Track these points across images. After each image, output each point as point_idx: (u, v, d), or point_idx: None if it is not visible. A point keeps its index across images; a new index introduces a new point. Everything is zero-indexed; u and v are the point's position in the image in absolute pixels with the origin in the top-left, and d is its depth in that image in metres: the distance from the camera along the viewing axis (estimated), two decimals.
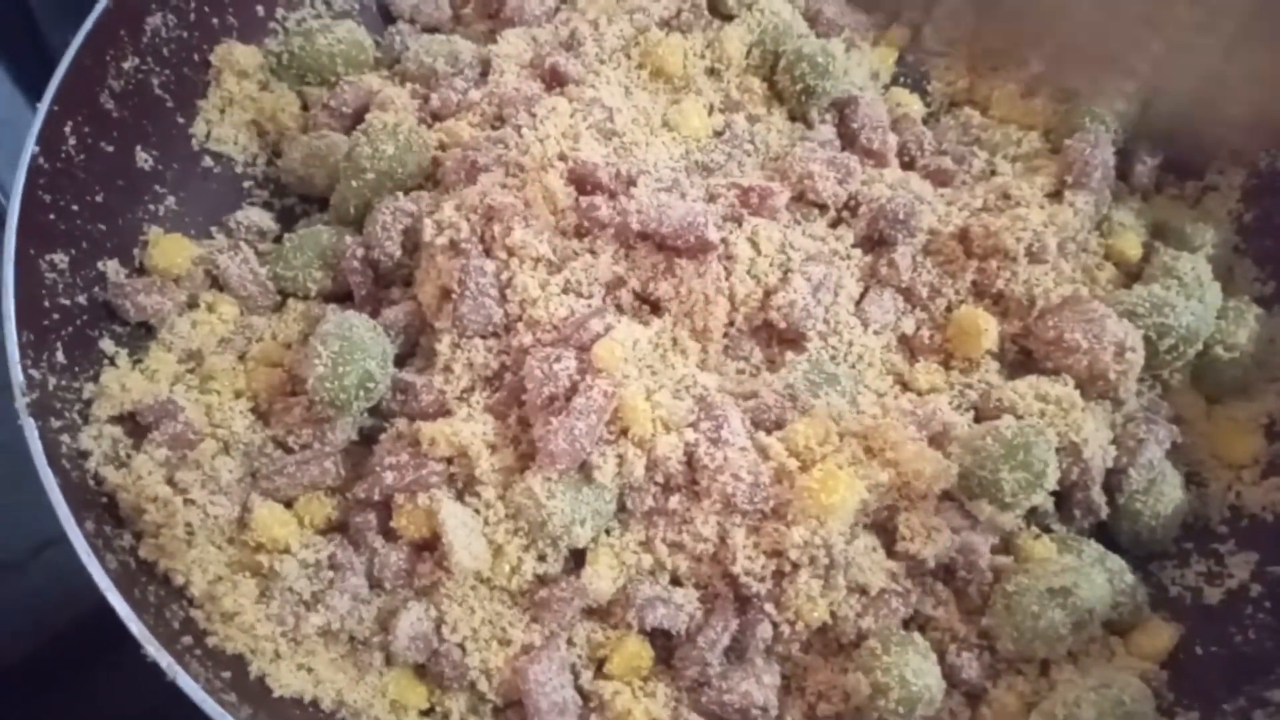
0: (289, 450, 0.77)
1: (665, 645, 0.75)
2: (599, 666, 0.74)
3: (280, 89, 0.96)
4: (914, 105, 1.03)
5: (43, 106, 0.79)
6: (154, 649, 0.63)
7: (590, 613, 0.75)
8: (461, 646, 0.72)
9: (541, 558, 0.73)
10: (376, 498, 0.73)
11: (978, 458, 0.74)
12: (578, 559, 0.74)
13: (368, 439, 0.79)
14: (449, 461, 0.74)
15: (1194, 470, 0.86)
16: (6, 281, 0.72)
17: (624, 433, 0.72)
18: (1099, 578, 0.75)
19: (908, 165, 0.95)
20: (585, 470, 0.71)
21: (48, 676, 0.95)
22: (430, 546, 0.73)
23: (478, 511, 0.72)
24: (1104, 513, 0.79)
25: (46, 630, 0.96)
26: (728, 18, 0.98)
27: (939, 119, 1.03)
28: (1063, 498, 0.80)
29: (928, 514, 0.74)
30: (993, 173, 0.94)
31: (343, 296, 0.86)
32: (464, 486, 0.74)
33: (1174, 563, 0.83)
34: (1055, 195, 0.91)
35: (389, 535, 0.74)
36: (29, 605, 0.97)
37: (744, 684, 0.71)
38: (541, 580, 0.74)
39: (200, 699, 0.62)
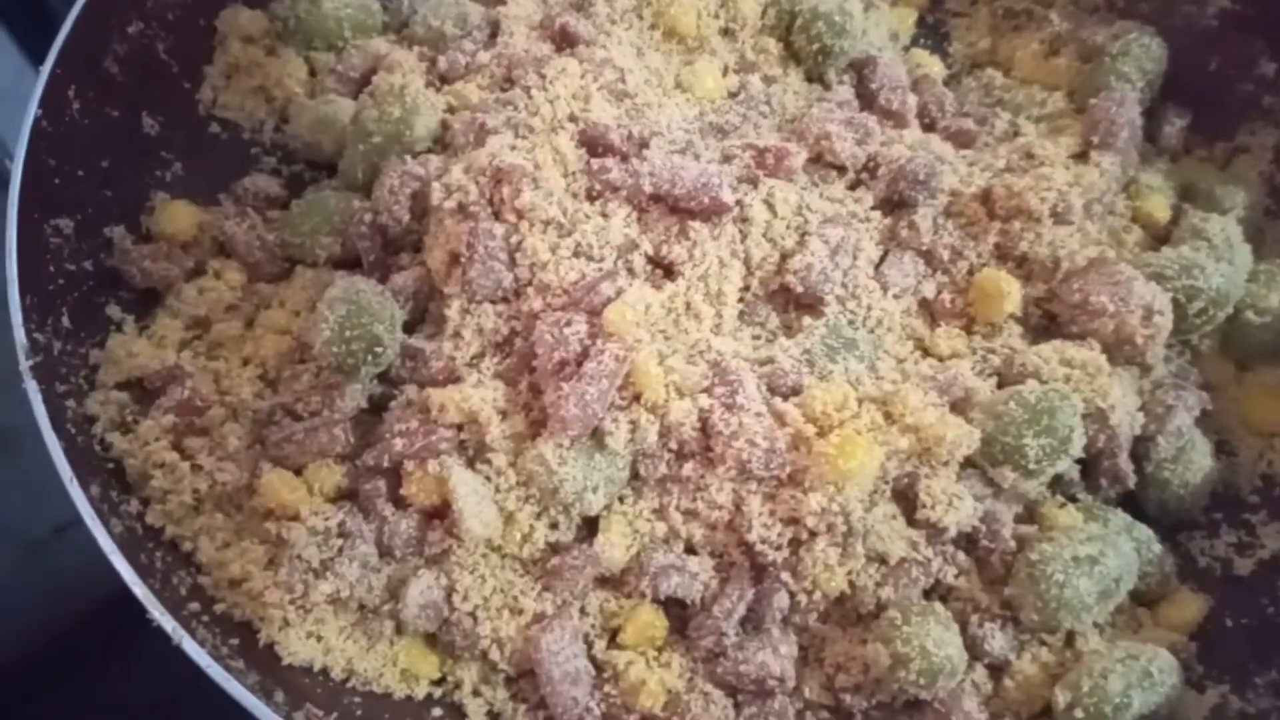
0: (298, 418, 0.76)
1: (680, 615, 0.73)
2: (612, 636, 0.72)
3: (287, 54, 0.95)
4: (934, 66, 1.00)
5: (45, 69, 0.77)
6: (159, 613, 0.62)
7: (603, 581, 0.73)
8: (473, 615, 0.71)
9: (553, 525, 0.71)
10: (386, 464, 0.72)
11: (1000, 423, 0.72)
12: (590, 527, 0.72)
13: (377, 407, 0.78)
14: (459, 428, 0.72)
15: (1224, 438, 0.84)
16: (10, 245, 0.71)
17: (636, 398, 0.70)
18: (1126, 546, 0.73)
19: (928, 127, 0.92)
20: (597, 436, 0.70)
21: (70, 657, 0.95)
22: (440, 514, 0.72)
23: (488, 479, 0.71)
24: (1131, 481, 0.77)
25: (68, 611, 0.95)
26: None
27: (960, 80, 1.00)
28: (1089, 465, 0.77)
29: (949, 481, 0.72)
30: (1016, 134, 0.92)
31: (352, 263, 0.84)
32: (474, 453, 0.72)
33: (1203, 533, 0.81)
34: (1081, 156, 0.88)
35: (399, 503, 0.73)
36: (50, 586, 0.96)
37: (760, 654, 0.70)
38: (553, 548, 0.72)
39: (206, 664, 0.61)
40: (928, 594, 0.73)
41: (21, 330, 0.69)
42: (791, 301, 0.80)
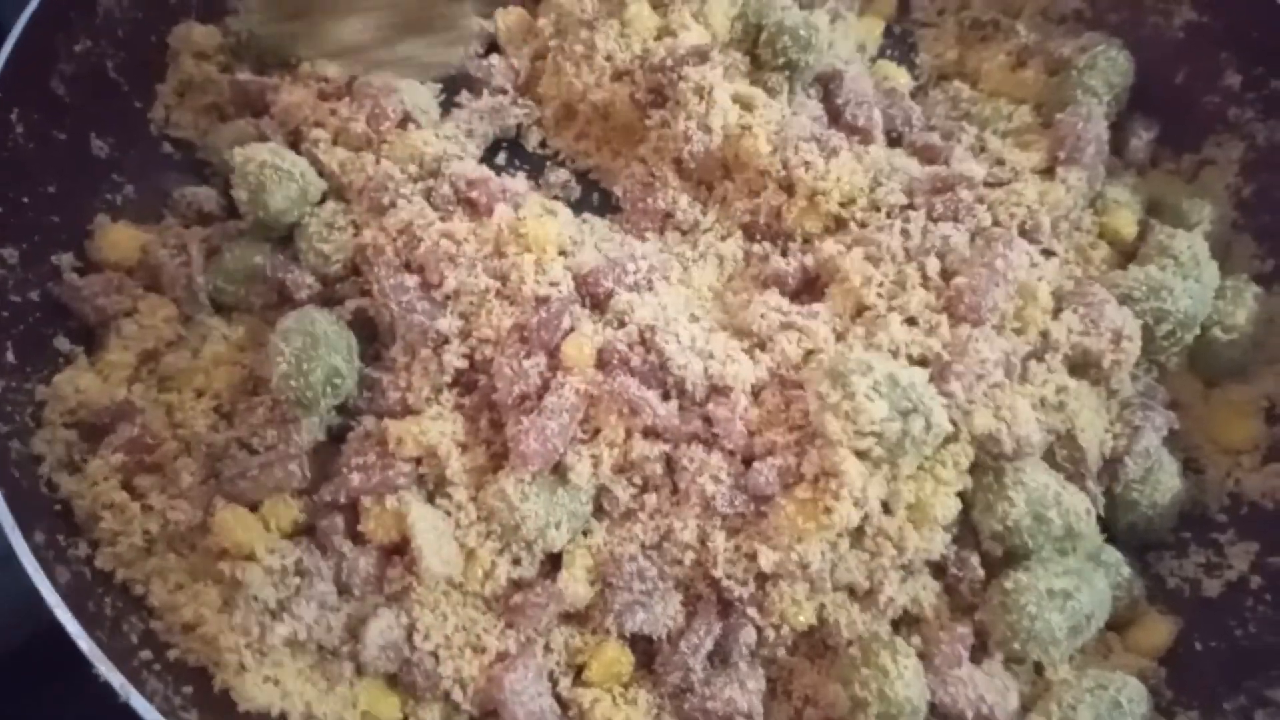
0: (253, 451, 0.74)
1: (646, 650, 0.72)
2: (578, 673, 0.71)
3: (242, 70, 0.92)
4: (901, 78, 0.99)
5: None
6: (105, 668, 0.60)
7: (567, 618, 0.72)
8: (434, 655, 0.70)
9: (516, 562, 0.70)
10: (343, 500, 0.70)
11: None
12: (553, 562, 0.71)
13: (336, 438, 0.76)
14: (418, 462, 0.71)
15: (1191, 456, 0.83)
16: None
17: (597, 432, 0.69)
18: (1100, 583, 0.73)
19: (895, 141, 0.91)
20: (559, 471, 0.68)
21: (44, 666, 0.92)
22: (400, 550, 0.70)
23: (448, 514, 0.70)
24: (1100, 505, 0.77)
25: (40, 620, 0.93)
26: None
27: (927, 92, 0.99)
28: None
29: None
30: (983, 148, 0.91)
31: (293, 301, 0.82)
32: (434, 488, 0.71)
33: (1172, 553, 0.81)
34: (1048, 172, 0.87)
35: (357, 539, 0.71)
36: (21, 594, 0.94)
37: (728, 690, 0.69)
38: (516, 585, 0.71)
39: None
40: (896, 624, 0.72)
41: None
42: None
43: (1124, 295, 0.79)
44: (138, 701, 0.59)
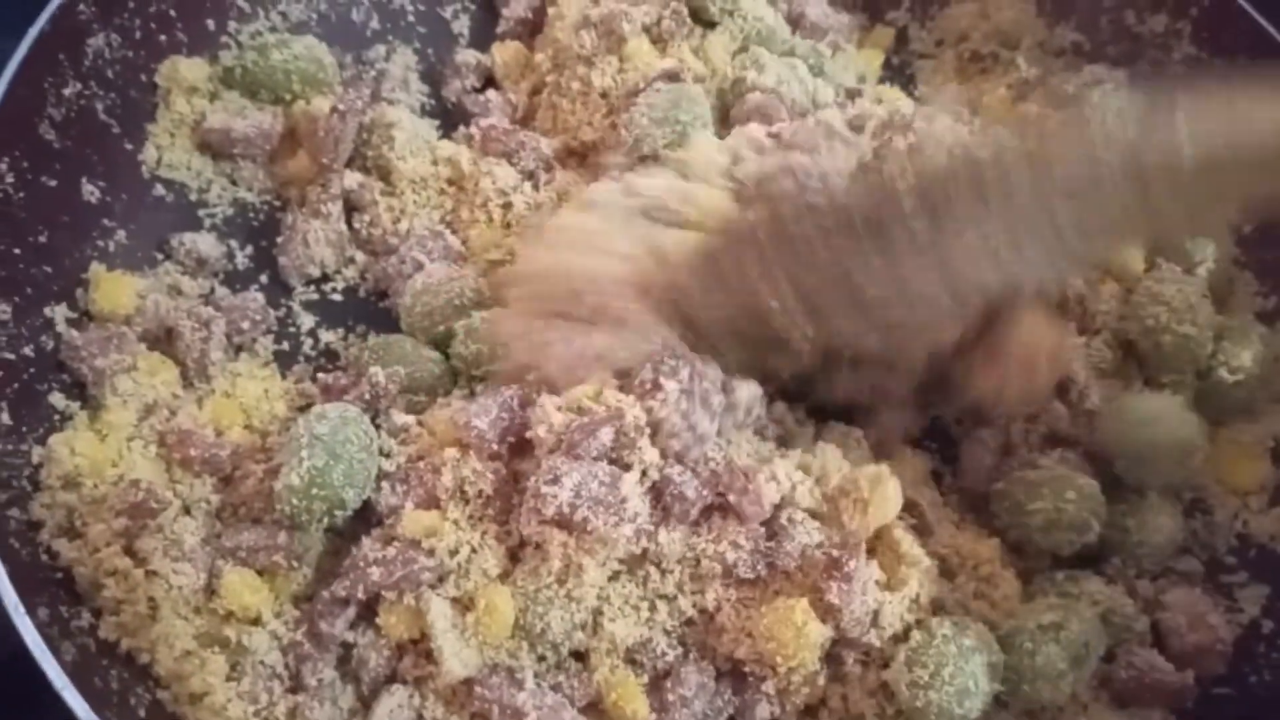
0: (255, 520, 0.72)
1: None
2: None
3: (231, 96, 0.91)
4: (901, 102, 0.98)
5: None
6: None
7: None
8: None
9: (541, 659, 0.68)
10: (361, 596, 0.68)
11: None
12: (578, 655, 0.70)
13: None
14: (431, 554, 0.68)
15: (1198, 497, 0.84)
16: None
17: None
18: (1087, 611, 0.73)
19: None
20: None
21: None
22: (416, 642, 0.69)
23: (467, 610, 0.67)
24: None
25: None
26: (710, 25, 0.93)
27: None
28: None
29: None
30: None
31: None
32: (454, 585, 0.68)
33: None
34: None
35: (366, 627, 0.70)
36: None
37: None
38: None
39: None
40: None
41: None
42: None
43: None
44: None
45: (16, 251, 0.75)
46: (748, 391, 0.72)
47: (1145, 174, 0.64)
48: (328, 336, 0.85)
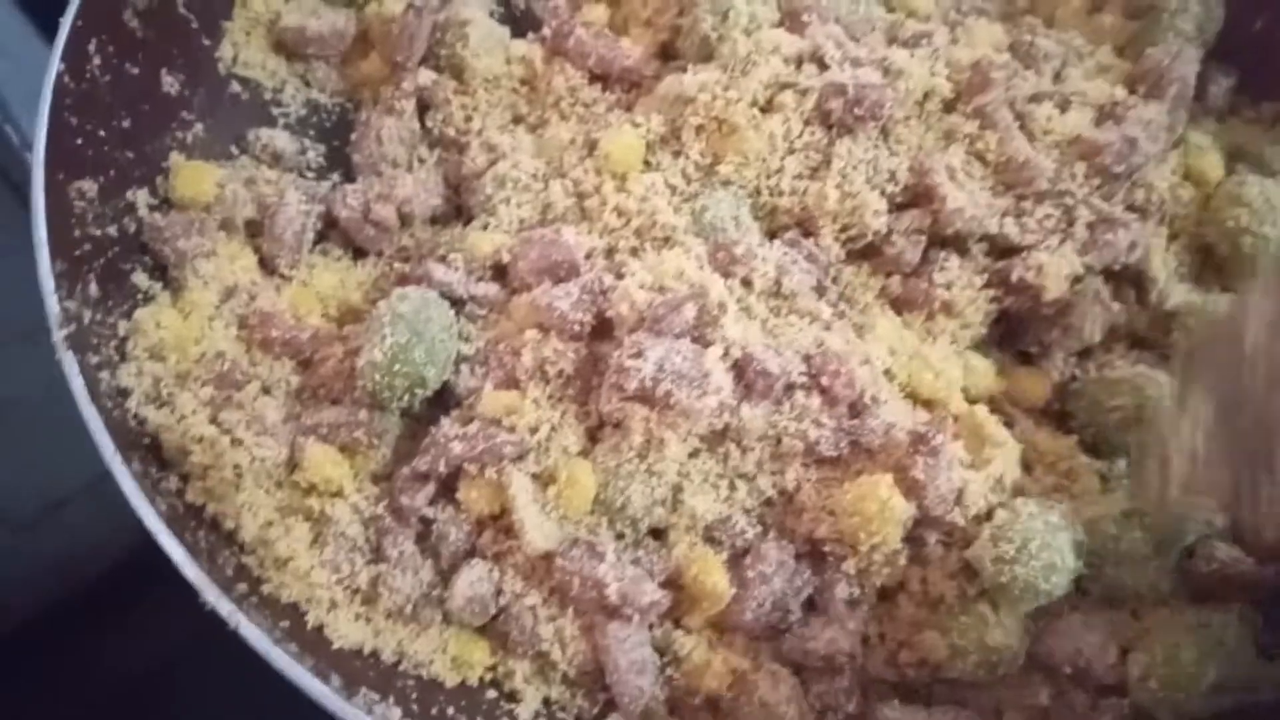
0: (334, 400, 0.72)
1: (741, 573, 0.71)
2: (676, 621, 0.70)
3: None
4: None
5: (65, 21, 0.73)
6: (214, 596, 0.59)
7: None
8: (533, 612, 0.68)
9: (620, 536, 0.68)
10: (442, 470, 0.68)
11: None
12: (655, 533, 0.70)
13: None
14: (513, 430, 0.68)
15: None
16: (37, 207, 0.67)
17: None
18: None
19: None
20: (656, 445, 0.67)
21: (58, 636, 0.93)
22: (496, 518, 0.69)
23: (548, 485, 0.68)
24: None
25: (57, 590, 0.93)
26: None
27: None
28: None
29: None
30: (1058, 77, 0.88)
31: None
32: (536, 462, 0.69)
33: None
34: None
35: (446, 504, 0.70)
36: (39, 565, 0.94)
37: (828, 631, 0.67)
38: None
39: (265, 649, 0.58)
40: None
41: (54, 298, 0.66)
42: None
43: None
44: (247, 630, 0.58)
45: (101, 134, 0.76)
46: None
47: None
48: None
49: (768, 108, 0.77)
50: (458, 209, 0.85)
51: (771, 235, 0.77)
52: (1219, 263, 0.84)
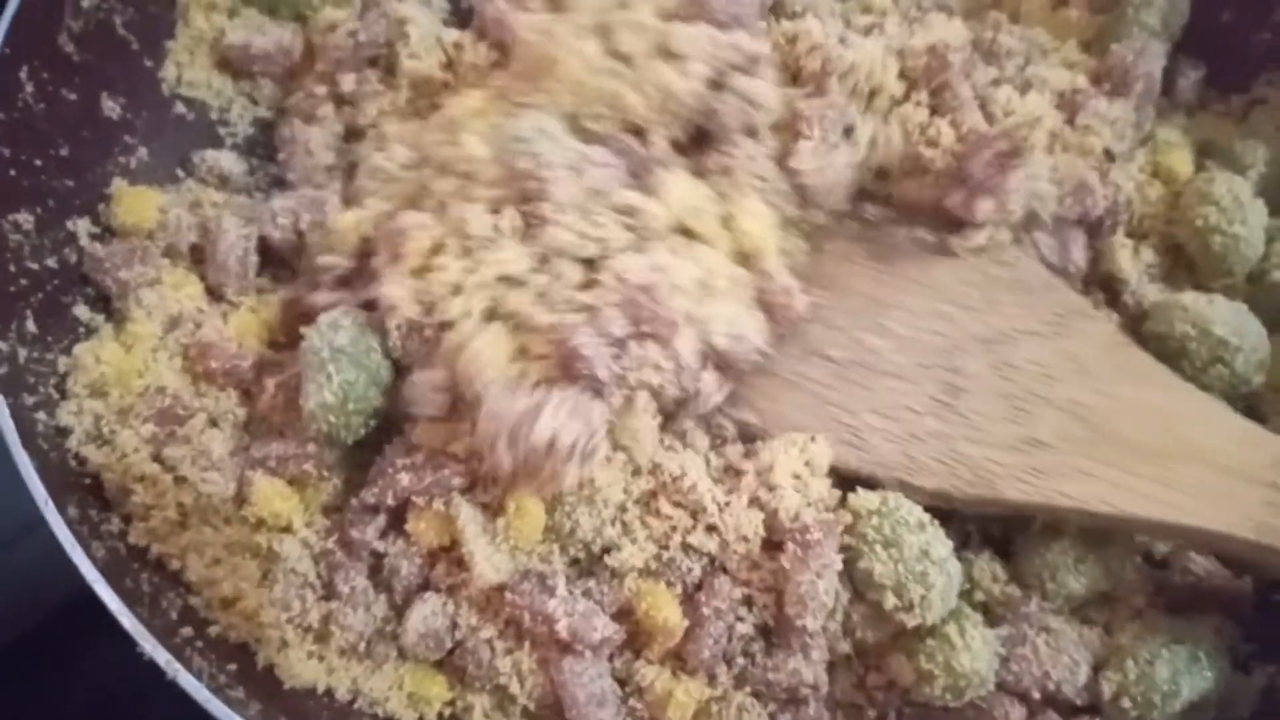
0: (279, 432, 0.71)
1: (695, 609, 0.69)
2: (636, 652, 0.68)
3: (250, 13, 0.89)
4: None
5: None
6: (150, 645, 0.57)
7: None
8: (490, 645, 0.66)
9: (575, 562, 0.67)
10: (390, 503, 0.66)
11: None
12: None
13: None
14: (464, 462, 0.67)
15: (1252, 405, 0.81)
16: None
17: None
18: None
19: None
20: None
21: (38, 656, 0.91)
22: (447, 549, 0.67)
23: (497, 515, 0.66)
24: None
25: (37, 609, 0.91)
26: None
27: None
28: None
29: None
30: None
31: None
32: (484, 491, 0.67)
33: None
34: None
35: (396, 536, 0.69)
36: (19, 584, 0.92)
37: (790, 662, 0.66)
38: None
39: (205, 699, 0.56)
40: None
41: None
42: None
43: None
44: (185, 680, 0.56)
45: (38, 163, 0.74)
46: None
47: None
48: None
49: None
50: None
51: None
52: (1189, 261, 0.83)
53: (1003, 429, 0.70)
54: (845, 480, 0.69)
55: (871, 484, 0.69)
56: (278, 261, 0.80)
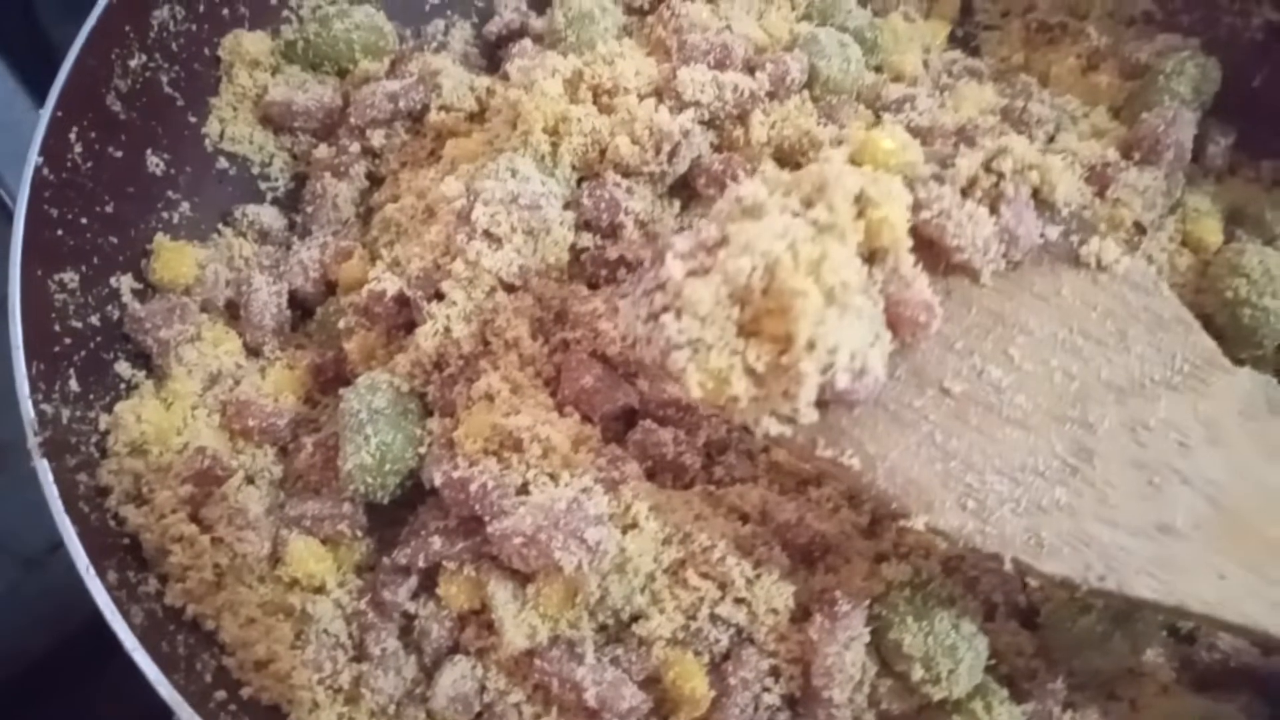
0: (314, 490, 0.72)
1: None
2: (664, 718, 0.68)
3: (292, 70, 0.91)
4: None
5: (45, 113, 0.73)
6: (186, 715, 0.58)
7: None
8: (518, 709, 0.67)
9: (603, 628, 0.67)
10: (422, 565, 0.67)
11: None
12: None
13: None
14: None
15: None
16: (14, 309, 0.67)
17: None
18: None
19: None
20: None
21: (65, 672, 0.92)
22: (477, 613, 0.68)
23: (528, 582, 0.66)
24: None
25: (66, 625, 0.92)
26: None
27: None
28: None
29: None
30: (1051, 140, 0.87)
31: None
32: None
33: None
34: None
35: (428, 598, 0.69)
36: (47, 602, 0.94)
37: None
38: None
39: None
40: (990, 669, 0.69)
41: (29, 403, 0.65)
42: None
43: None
44: None
45: (84, 221, 0.76)
46: None
47: None
48: None
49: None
50: None
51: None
52: (1217, 332, 0.82)
53: (1136, 508, 0.58)
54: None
55: (902, 515, 0.58)
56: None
